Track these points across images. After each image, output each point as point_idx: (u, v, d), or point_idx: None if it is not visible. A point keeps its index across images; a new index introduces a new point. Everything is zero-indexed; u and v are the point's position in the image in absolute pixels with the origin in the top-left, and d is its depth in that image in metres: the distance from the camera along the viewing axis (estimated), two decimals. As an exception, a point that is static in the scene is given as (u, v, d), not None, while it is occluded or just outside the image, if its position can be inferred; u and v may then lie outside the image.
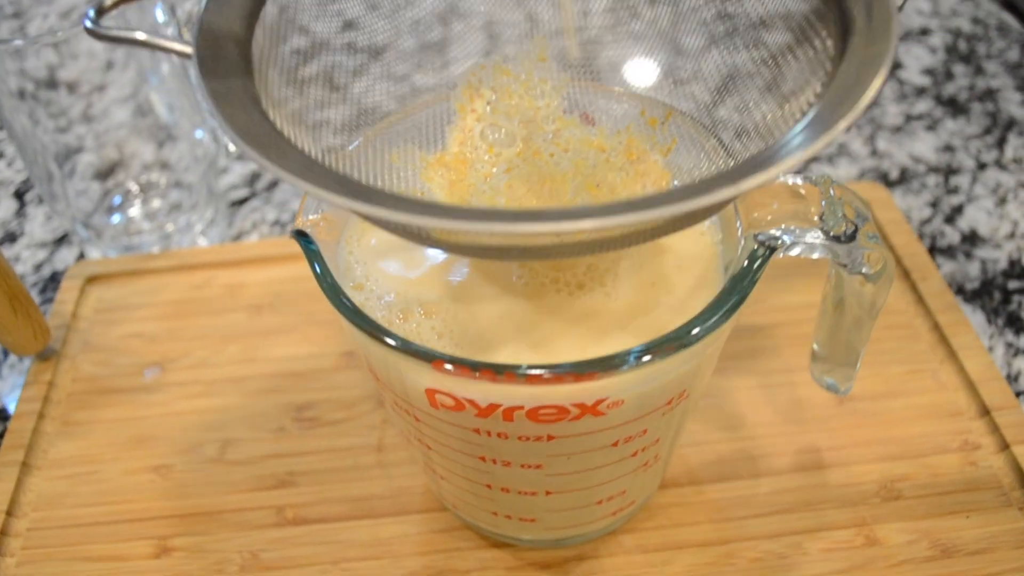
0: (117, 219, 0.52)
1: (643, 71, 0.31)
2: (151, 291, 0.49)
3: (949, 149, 0.57)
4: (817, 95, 0.24)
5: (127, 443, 0.42)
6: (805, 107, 0.24)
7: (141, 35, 0.25)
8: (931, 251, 0.50)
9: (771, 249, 0.27)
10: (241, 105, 0.23)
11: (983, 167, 0.55)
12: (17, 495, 0.39)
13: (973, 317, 0.46)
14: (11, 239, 0.55)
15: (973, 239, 0.51)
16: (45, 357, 0.45)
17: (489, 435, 0.27)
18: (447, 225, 0.20)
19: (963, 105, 0.60)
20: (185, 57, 0.24)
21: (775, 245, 0.27)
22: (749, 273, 0.26)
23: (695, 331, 0.24)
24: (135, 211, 0.52)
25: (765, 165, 0.20)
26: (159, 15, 0.45)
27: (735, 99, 0.28)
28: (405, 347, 0.24)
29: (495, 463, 0.29)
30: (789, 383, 0.42)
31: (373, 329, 0.25)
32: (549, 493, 0.31)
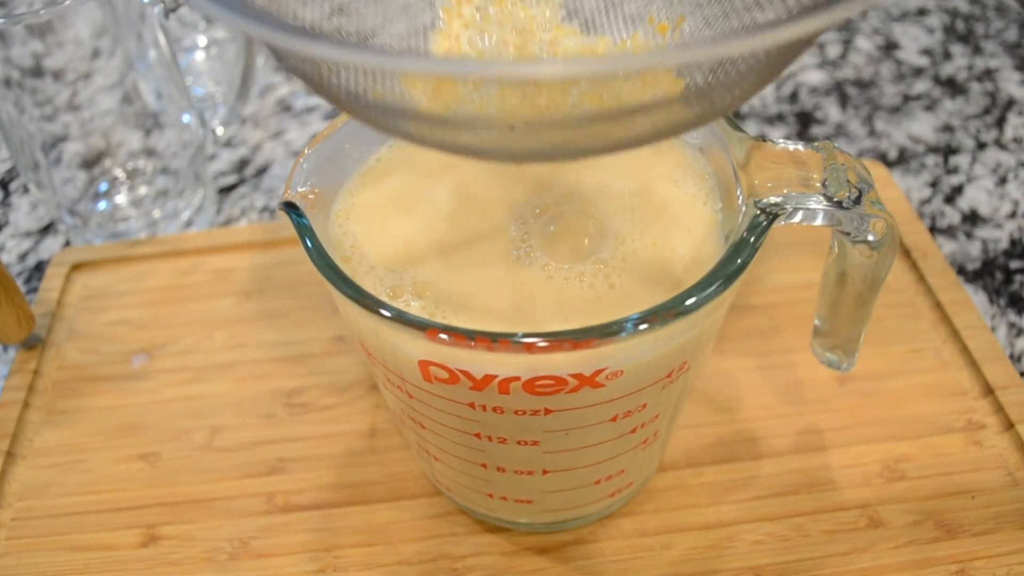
0: (103, 206, 0.51)
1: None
2: (138, 277, 0.48)
3: (948, 129, 0.56)
4: None
5: (114, 431, 0.41)
6: None
7: None
8: (931, 232, 0.49)
9: (773, 216, 0.26)
10: None
11: (983, 147, 0.55)
12: (1, 485, 0.39)
13: (975, 297, 0.46)
14: (-4, 228, 0.54)
15: (974, 219, 0.50)
16: (30, 345, 0.44)
17: (484, 410, 0.26)
18: (425, 67, 0.18)
19: (962, 85, 0.59)
20: None
21: (777, 212, 0.26)
22: (750, 241, 0.25)
23: (694, 299, 0.24)
24: (121, 198, 0.51)
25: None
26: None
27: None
28: (399, 316, 0.24)
29: (491, 440, 0.28)
30: (789, 363, 0.41)
31: (366, 300, 0.24)
32: (546, 472, 0.30)
